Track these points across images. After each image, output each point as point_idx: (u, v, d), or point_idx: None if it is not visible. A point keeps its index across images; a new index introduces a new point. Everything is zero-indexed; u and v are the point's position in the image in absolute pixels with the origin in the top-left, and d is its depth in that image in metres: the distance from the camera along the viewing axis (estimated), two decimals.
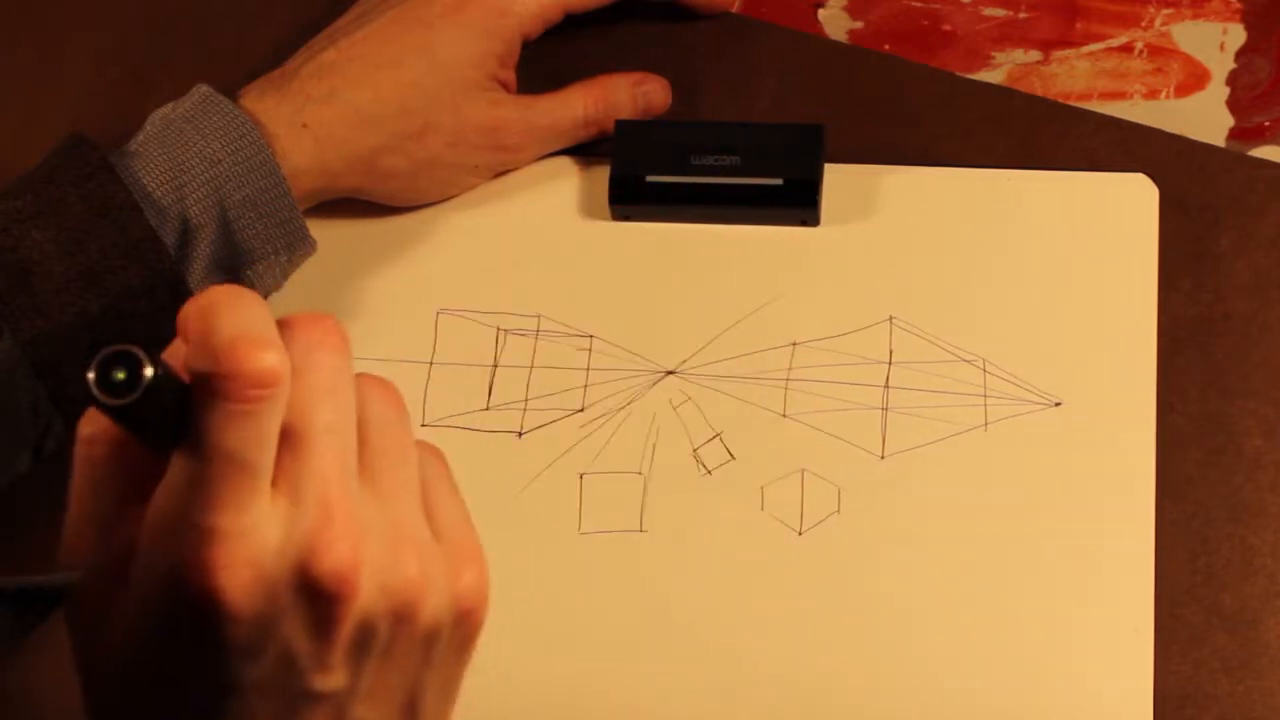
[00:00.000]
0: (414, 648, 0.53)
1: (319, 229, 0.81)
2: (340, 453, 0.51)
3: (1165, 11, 0.87)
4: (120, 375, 0.46)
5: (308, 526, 0.49)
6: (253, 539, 0.49)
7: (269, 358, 0.48)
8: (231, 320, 0.48)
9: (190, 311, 0.49)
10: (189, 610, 0.49)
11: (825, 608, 0.76)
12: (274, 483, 0.49)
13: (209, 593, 0.48)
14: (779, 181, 0.83)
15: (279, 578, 0.49)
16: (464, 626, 0.54)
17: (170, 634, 0.50)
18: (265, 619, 0.49)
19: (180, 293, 0.74)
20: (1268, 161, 0.83)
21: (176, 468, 0.49)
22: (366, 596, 0.51)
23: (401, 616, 0.52)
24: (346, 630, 0.51)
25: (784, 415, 0.80)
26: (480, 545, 0.55)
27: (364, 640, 0.51)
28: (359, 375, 0.52)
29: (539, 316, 0.83)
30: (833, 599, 0.76)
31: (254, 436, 0.48)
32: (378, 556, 0.51)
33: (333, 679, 0.52)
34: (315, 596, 0.50)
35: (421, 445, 0.55)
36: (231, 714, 0.51)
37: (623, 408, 0.81)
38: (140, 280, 0.74)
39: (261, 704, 0.51)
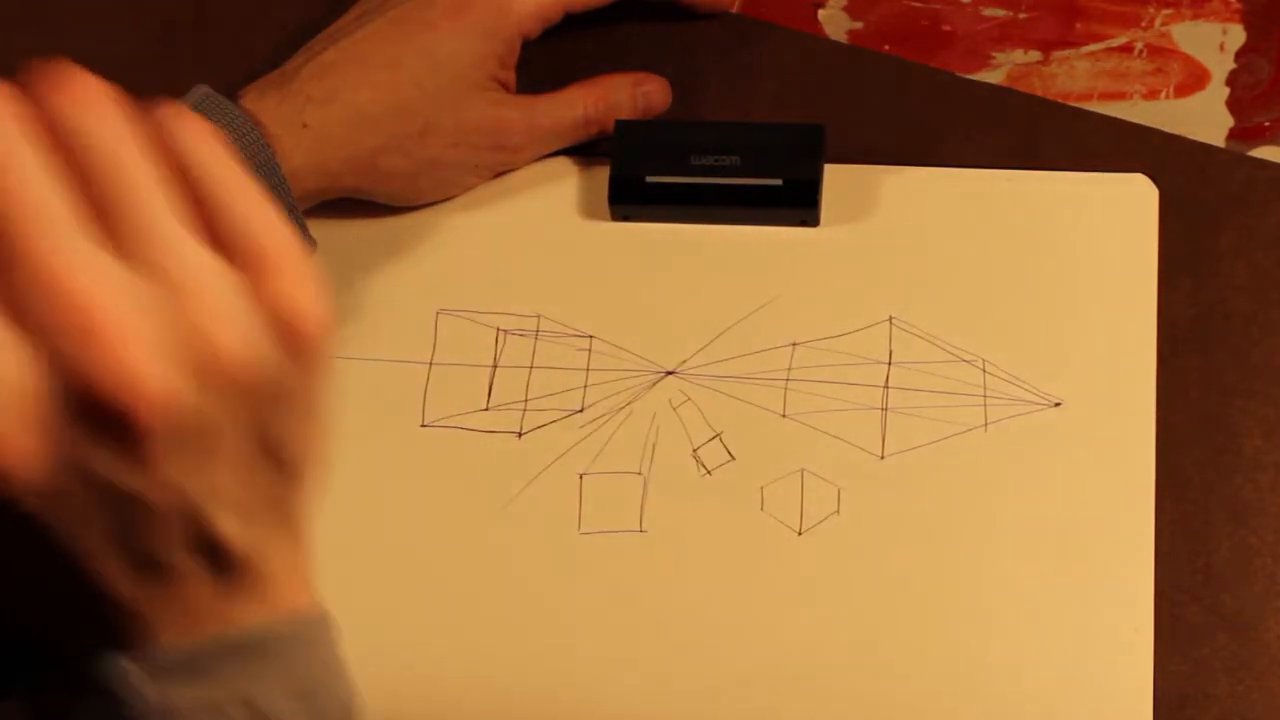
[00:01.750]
0: (243, 403, 0.43)
1: (319, 229, 0.81)
2: (55, 225, 0.40)
3: (1165, 11, 0.87)
4: None
5: (60, 345, 0.40)
6: (8, 394, 0.39)
7: None
8: None
9: None
10: None
11: (825, 608, 0.76)
12: None
13: None
14: (779, 181, 0.83)
15: (56, 425, 0.40)
16: (296, 343, 0.44)
17: None
18: (68, 479, 0.41)
19: None
20: (1268, 161, 0.83)
21: None
22: (166, 391, 0.41)
23: (212, 381, 0.42)
24: (161, 440, 0.41)
25: (784, 415, 0.80)
26: (285, 235, 0.44)
27: (184, 432, 0.42)
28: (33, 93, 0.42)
29: (539, 317, 0.83)
30: (832, 599, 0.76)
31: None
32: (165, 334, 0.41)
33: (170, 491, 0.43)
34: (109, 425, 0.41)
35: (175, 127, 0.45)
36: (86, 579, 0.43)
37: (622, 408, 0.81)
38: None
39: (105, 556, 0.43)
